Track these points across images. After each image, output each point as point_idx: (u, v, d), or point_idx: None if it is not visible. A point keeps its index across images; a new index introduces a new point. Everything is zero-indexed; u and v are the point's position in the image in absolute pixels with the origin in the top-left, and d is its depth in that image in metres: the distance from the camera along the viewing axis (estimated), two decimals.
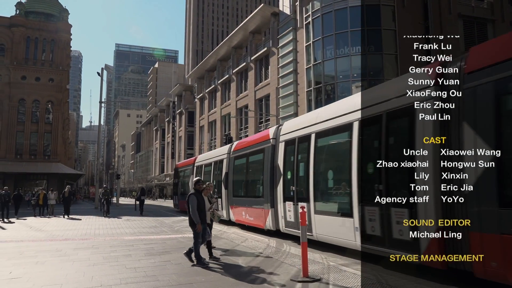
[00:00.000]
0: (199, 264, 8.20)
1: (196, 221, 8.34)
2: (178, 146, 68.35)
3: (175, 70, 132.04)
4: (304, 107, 32.01)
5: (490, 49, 6.68)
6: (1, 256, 9.92)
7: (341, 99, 12.11)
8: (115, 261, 9.04)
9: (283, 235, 12.64)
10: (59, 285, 6.91)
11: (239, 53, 48.15)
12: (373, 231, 8.05)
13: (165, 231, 15.39)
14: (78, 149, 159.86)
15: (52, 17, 54.92)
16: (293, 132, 12.10)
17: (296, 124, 12.39)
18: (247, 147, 16.18)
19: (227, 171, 17.86)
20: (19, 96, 49.38)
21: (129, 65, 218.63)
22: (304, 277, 6.93)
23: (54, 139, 50.75)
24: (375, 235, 8.00)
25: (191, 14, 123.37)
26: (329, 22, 30.19)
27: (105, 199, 24.74)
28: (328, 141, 10.36)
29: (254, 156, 15.17)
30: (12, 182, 43.07)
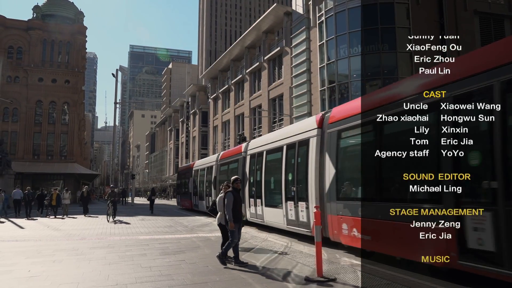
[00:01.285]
0: (219, 258, 8.35)
1: (229, 219, 8.28)
2: (192, 146, 68.61)
3: (188, 71, 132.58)
4: (318, 106, 31.89)
5: (341, 109, 10.86)
6: (20, 255, 10.10)
7: (283, 128, 18.39)
8: (131, 260, 9.14)
9: (294, 235, 12.64)
10: (76, 283, 7.01)
11: (252, 53, 48.15)
12: (291, 217, 12.46)
13: (180, 231, 15.49)
14: (94, 150, 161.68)
15: (68, 19, 55.64)
16: (255, 148, 16.57)
17: (257, 143, 16.97)
18: (228, 157, 20.96)
19: (215, 175, 22.71)
20: (36, 97, 50.15)
21: (143, 66, 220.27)
22: (318, 277, 6.92)
23: (70, 139, 51.42)
24: (292, 219, 12.40)
25: (204, 14, 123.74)
26: (342, 21, 30.01)
27: (111, 201, 20.58)
28: (273, 156, 14.61)
29: (232, 164, 19.77)
30: (29, 182, 43.70)
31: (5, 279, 7.43)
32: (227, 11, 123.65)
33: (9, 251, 10.82)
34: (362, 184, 9.10)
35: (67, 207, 24.70)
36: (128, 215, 25.35)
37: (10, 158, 40.75)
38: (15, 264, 8.91)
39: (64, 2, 57.69)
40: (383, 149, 6.95)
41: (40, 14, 54.01)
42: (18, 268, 8.43)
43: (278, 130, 19.46)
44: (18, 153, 47.93)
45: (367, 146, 8.95)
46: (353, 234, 9.18)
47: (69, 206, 25.15)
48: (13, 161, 41.49)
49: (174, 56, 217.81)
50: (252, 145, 17.33)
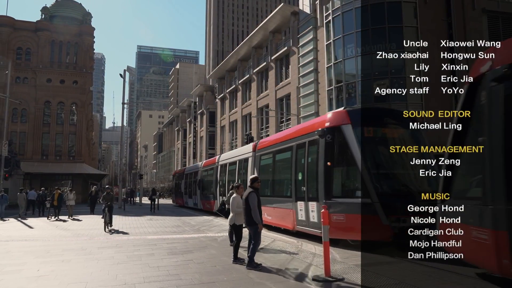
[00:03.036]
0: (251, 267, 7.94)
1: (257, 221, 8.06)
2: (200, 146, 68.72)
3: (196, 71, 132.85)
4: (325, 106, 31.82)
5: (262, 141, 18.09)
6: (29, 254, 10.18)
7: (237, 148, 27.48)
8: (139, 260, 9.17)
9: (302, 235, 12.62)
10: (85, 283, 7.05)
11: (259, 52, 48.14)
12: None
13: (187, 231, 15.53)
14: (102, 150, 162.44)
15: (76, 20, 55.98)
16: (222, 160, 23.47)
17: (224, 156, 23.98)
18: (208, 165, 27.38)
19: (200, 178, 28.75)
20: (45, 98, 50.52)
21: (150, 67, 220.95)
22: (326, 276, 6.91)
23: (78, 140, 51.74)
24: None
25: (211, 15, 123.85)
26: (349, 20, 29.92)
27: (107, 206, 16.52)
28: (232, 167, 21.03)
29: (210, 171, 26.12)
30: (38, 182, 44.03)
31: (14, 278, 7.49)
32: (234, 11, 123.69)
33: (18, 251, 10.91)
34: (269, 184, 15.50)
35: (71, 208, 23.38)
36: (136, 215, 25.49)
37: (19, 159, 41.15)
38: (24, 263, 8.97)
39: (72, 3, 58.06)
40: (275, 167, 15.41)
41: (49, 15, 54.40)
42: (27, 267, 8.50)
43: (233, 150, 27.31)
44: (26, 154, 48.33)
45: (269, 164, 15.94)
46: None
47: (75, 206, 24.22)
48: (22, 162, 41.89)
49: (181, 56, 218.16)
50: (221, 158, 24.14)
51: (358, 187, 10.37)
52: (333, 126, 11.09)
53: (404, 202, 8.03)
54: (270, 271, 7.68)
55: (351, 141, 10.56)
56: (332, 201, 10.66)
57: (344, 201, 10.57)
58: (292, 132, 14.53)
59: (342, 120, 11.01)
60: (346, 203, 10.50)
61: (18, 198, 26.22)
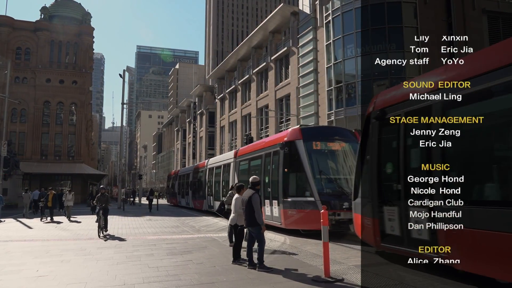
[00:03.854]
0: (262, 269, 7.80)
1: (261, 222, 8.01)
2: (199, 146, 68.71)
3: (195, 71, 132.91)
4: (325, 106, 31.83)
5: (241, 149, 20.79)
6: (28, 255, 10.16)
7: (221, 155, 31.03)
8: (138, 260, 9.15)
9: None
10: (84, 283, 7.03)
11: (259, 53, 48.15)
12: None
13: (187, 231, 15.51)
14: (101, 150, 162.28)
15: (75, 20, 55.96)
16: (211, 164, 26.03)
17: (212, 161, 26.53)
18: (199, 168, 29.74)
19: (192, 180, 31.42)
20: (44, 98, 50.48)
21: (150, 67, 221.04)
22: (326, 277, 6.89)
23: (77, 140, 51.70)
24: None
25: (211, 15, 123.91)
26: (349, 21, 29.93)
27: (101, 208, 14.82)
28: (218, 170, 23.74)
29: (201, 173, 28.41)
30: (37, 182, 44.00)
31: (14, 279, 7.48)
32: (234, 11, 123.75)
33: (17, 251, 10.89)
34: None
35: (69, 209, 22.15)
36: (135, 215, 25.47)
37: (18, 159, 41.07)
38: (23, 263, 8.95)
39: (71, 3, 58.01)
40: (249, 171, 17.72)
41: (48, 15, 54.37)
42: (26, 267, 8.48)
43: (219, 156, 29.26)
44: (26, 154, 48.28)
45: (246, 169, 18.68)
46: None
47: (74, 206, 23.34)
48: (21, 162, 41.81)
49: (181, 56, 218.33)
50: (210, 162, 26.80)
51: (306, 188, 13.24)
52: (289, 141, 14.24)
53: (339, 200, 12.49)
54: (270, 271, 7.66)
55: (302, 153, 13.66)
56: (288, 200, 13.64)
57: (296, 200, 13.42)
58: (263, 143, 17.87)
59: (296, 136, 14.16)
60: (297, 201, 13.35)
61: (23, 198, 26.54)
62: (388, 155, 8.18)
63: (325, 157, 14.03)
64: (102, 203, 14.93)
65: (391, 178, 7.91)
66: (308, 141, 13.94)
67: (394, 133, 7.97)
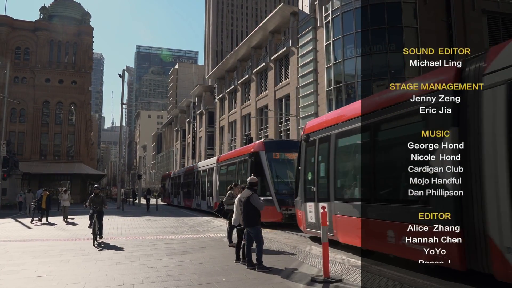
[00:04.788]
0: (261, 269, 7.77)
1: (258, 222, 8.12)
2: (199, 146, 68.66)
3: (195, 71, 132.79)
4: (325, 106, 31.80)
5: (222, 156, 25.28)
6: (27, 255, 10.14)
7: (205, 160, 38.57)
8: (137, 260, 9.14)
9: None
10: (83, 283, 7.02)
11: (258, 53, 48.12)
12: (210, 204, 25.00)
13: (186, 231, 15.50)
14: (101, 150, 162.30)
15: (74, 20, 55.91)
16: (198, 167, 29.52)
17: (199, 164, 29.96)
18: (189, 171, 32.88)
19: (182, 181, 34.78)
20: (43, 98, 50.46)
21: (149, 67, 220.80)
22: (325, 278, 6.88)
23: (77, 140, 51.69)
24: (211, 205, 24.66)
25: (210, 15, 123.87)
26: (349, 21, 29.91)
27: (95, 212, 12.60)
28: (204, 173, 26.98)
29: (189, 176, 32.26)
30: (36, 182, 44.02)
31: (13, 279, 7.46)
32: (234, 11, 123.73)
33: (16, 251, 10.87)
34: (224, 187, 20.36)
35: (66, 210, 21.19)
36: (134, 215, 25.46)
37: (18, 159, 41.06)
38: (22, 264, 8.94)
39: (70, 3, 57.98)
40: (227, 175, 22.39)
41: (47, 15, 54.33)
42: (25, 268, 8.46)
43: (205, 160, 34.06)
44: (25, 154, 48.25)
45: (224, 173, 22.75)
46: None
47: (72, 207, 22.62)
48: (21, 162, 41.80)
49: (180, 56, 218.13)
50: (198, 165, 30.28)
51: (266, 189, 16.62)
52: (255, 152, 17.99)
53: (291, 199, 14.67)
54: (269, 271, 7.65)
55: (264, 161, 17.34)
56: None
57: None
58: (237, 152, 22.75)
59: (260, 148, 17.91)
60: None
61: (26, 197, 26.85)
62: (309, 166, 11.55)
63: (282, 164, 17.57)
64: (96, 205, 12.71)
65: (310, 183, 11.27)
66: (269, 152, 17.62)
67: (312, 151, 11.34)
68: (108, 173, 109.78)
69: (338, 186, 9.90)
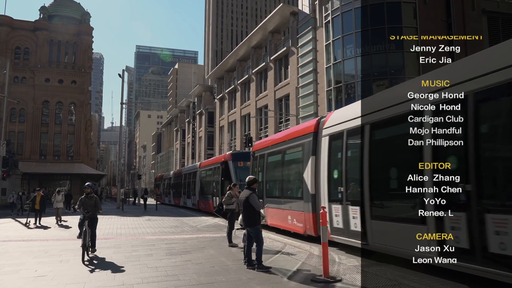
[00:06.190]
0: (261, 268, 7.75)
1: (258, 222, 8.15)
2: (198, 146, 68.61)
3: (195, 71, 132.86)
4: (324, 106, 31.80)
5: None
6: (27, 255, 10.13)
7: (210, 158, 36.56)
8: (137, 260, 9.14)
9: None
10: (83, 283, 7.01)
11: (258, 53, 48.10)
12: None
13: (186, 231, 15.49)
14: (100, 150, 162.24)
15: (74, 20, 55.90)
16: (185, 170, 33.92)
17: (186, 167, 35.17)
18: (178, 173, 36.90)
19: (173, 182, 38.64)
20: (43, 98, 50.44)
21: (149, 67, 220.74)
22: (325, 277, 6.88)
23: (76, 140, 51.67)
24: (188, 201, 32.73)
25: (210, 15, 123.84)
26: (349, 21, 29.90)
27: (87, 218, 9.77)
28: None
29: (177, 178, 35.99)
30: (36, 182, 43.97)
31: (12, 279, 7.46)
32: (233, 11, 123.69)
33: (16, 251, 10.87)
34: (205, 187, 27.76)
35: (59, 211, 19.99)
36: (134, 215, 25.45)
37: (17, 159, 41.04)
38: (22, 263, 8.94)
39: (70, 3, 57.98)
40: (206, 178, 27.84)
41: (47, 14, 54.31)
42: (25, 267, 8.46)
43: (192, 164, 37.47)
44: (25, 154, 48.22)
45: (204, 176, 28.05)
46: None
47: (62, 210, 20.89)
48: (20, 162, 41.79)
49: (180, 56, 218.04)
50: (185, 168, 33.72)
51: None
52: (225, 160, 23.30)
53: None
54: (269, 271, 7.65)
55: (231, 168, 22.49)
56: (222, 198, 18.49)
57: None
58: (213, 159, 27.78)
59: (229, 158, 23.21)
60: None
61: (20, 198, 27.11)
62: (254, 174, 15.36)
63: (244, 170, 20.67)
64: (88, 209, 9.87)
65: (259, 187, 14.18)
66: (235, 161, 22.64)
67: (256, 164, 16.06)
68: (108, 173, 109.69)
69: (267, 189, 14.97)
